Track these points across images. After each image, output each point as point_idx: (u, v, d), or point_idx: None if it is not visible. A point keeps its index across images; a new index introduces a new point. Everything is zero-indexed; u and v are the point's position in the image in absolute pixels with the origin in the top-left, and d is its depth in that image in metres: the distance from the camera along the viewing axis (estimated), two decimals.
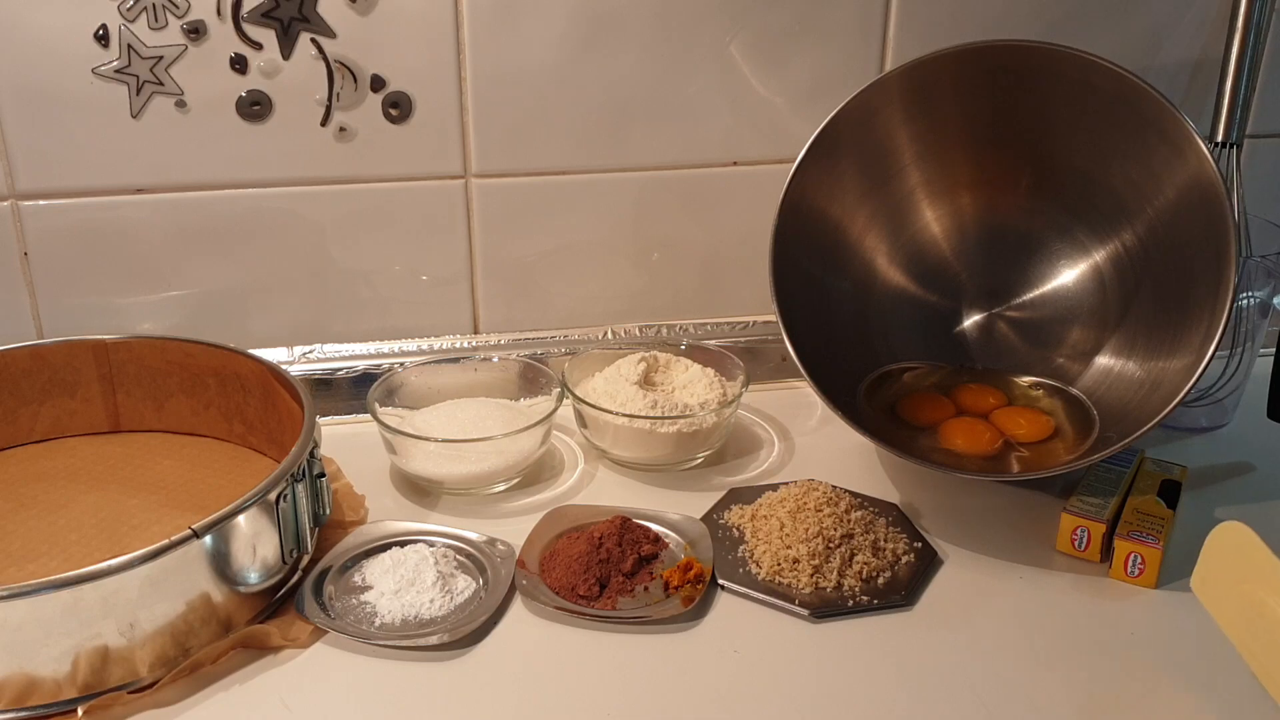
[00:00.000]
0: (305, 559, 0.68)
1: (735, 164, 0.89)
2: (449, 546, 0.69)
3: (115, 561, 0.55)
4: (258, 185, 0.84)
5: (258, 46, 0.79)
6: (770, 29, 0.85)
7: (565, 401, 0.80)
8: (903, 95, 0.79)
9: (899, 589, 0.66)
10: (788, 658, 0.62)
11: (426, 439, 0.75)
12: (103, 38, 0.77)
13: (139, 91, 0.79)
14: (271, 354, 0.84)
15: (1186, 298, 0.72)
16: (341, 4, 0.79)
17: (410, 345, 0.90)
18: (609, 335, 0.93)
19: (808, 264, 0.81)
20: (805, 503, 0.71)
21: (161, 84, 0.79)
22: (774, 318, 0.77)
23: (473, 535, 0.70)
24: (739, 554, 0.69)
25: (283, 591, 0.65)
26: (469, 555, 0.69)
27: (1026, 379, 0.83)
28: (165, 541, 0.57)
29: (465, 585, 0.66)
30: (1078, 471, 0.74)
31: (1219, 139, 0.83)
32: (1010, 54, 0.75)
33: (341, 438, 0.82)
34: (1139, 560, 0.67)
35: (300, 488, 0.64)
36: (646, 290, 0.92)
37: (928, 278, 0.86)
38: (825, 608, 0.65)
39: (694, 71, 0.85)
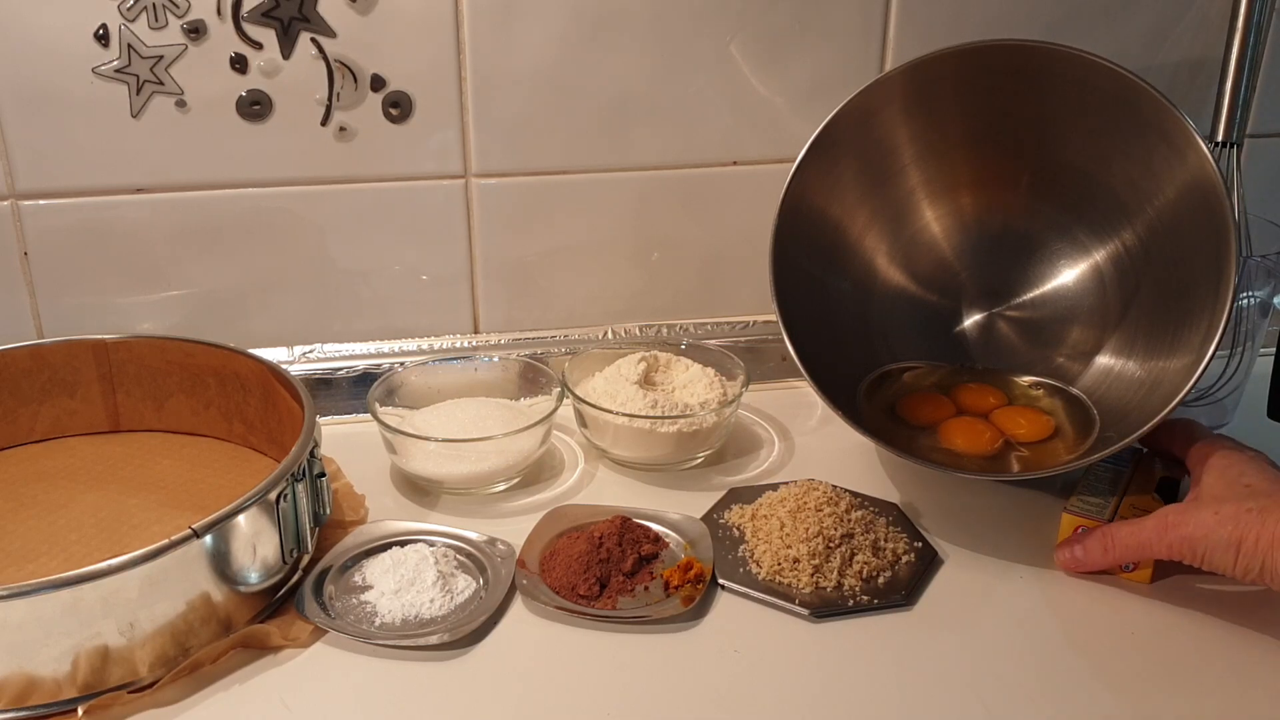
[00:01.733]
0: (305, 559, 0.68)
1: (735, 164, 0.89)
2: (449, 546, 0.69)
3: (115, 561, 0.55)
4: (258, 185, 0.84)
5: (258, 46, 0.79)
6: (770, 29, 0.85)
7: (565, 401, 0.80)
8: (903, 95, 0.79)
9: (899, 589, 0.66)
10: (788, 658, 0.62)
11: (426, 439, 0.75)
12: (103, 37, 0.77)
13: (139, 91, 0.79)
14: (271, 354, 0.84)
15: (1186, 297, 0.72)
16: (341, 4, 0.79)
17: (410, 345, 0.90)
18: (609, 335, 0.93)
19: (808, 264, 0.81)
20: (805, 502, 0.71)
21: (161, 84, 0.79)
22: (774, 317, 0.77)
23: (473, 535, 0.70)
24: (739, 554, 0.69)
25: (283, 591, 0.65)
26: (469, 555, 0.69)
27: (1026, 379, 0.83)
28: (165, 541, 0.57)
29: (465, 585, 0.66)
30: (1078, 471, 0.74)
31: (1219, 139, 0.83)
32: (1010, 54, 0.75)
33: (341, 437, 0.82)
34: None
35: (300, 487, 0.64)
36: (646, 290, 0.92)
37: (928, 277, 0.86)
38: (825, 607, 0.65)
39: (694, 71, 0.85)
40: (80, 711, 0.56)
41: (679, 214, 0.90)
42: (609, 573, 0.66)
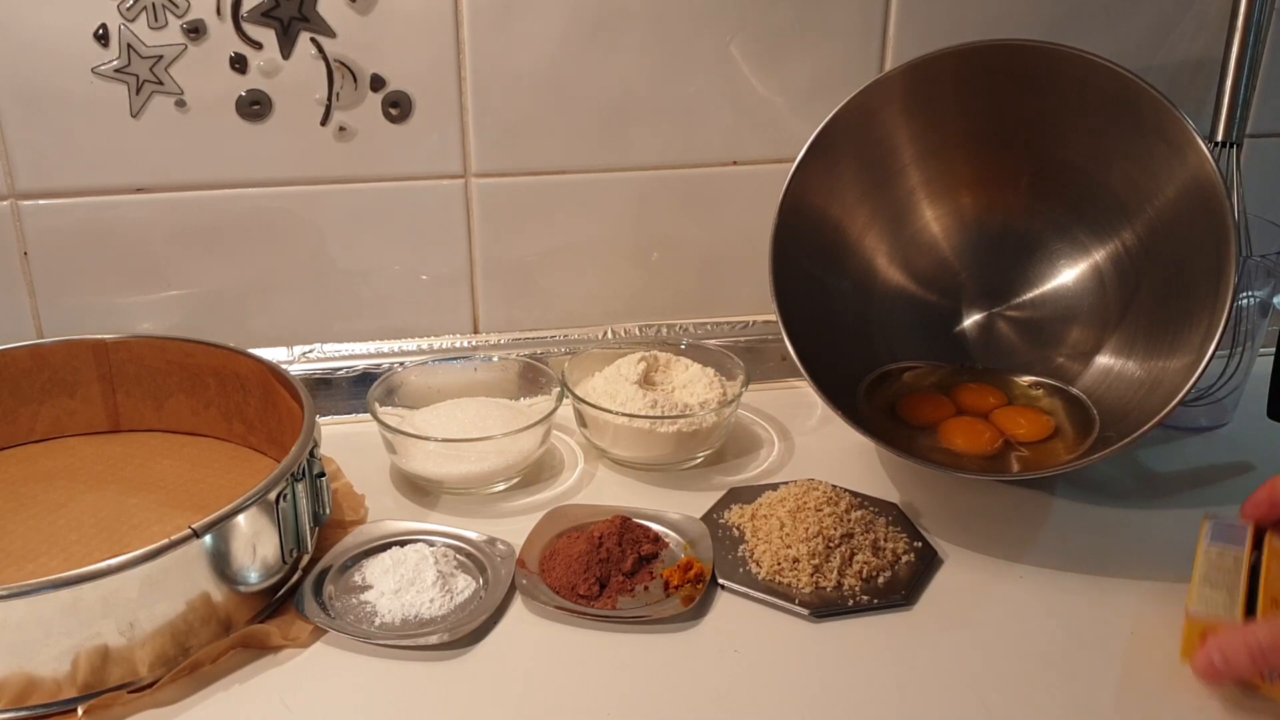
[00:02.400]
0: (305, 559, 0.68)
1: (735, 164, 0.89)
2: (449, 546, 0.69)
3: (115, 561, 0.55)
4: (258, 185, 0.84)
5: (257, 46, 0.79)
6: (771, 28, 0.85)
7: (565, 401, 0.80)
8: (903, 95, 0.79)
9: (899, 589, 0.66)
10: (788, 657, 0.62)
11: (426, 438, 0.75)
12: (102, 37, 0.77)
13: (139, 91, 0.79)
14: (271, 353, 0.84)
15: (1186, 297, 0.72)
16: (341, 3, 0.79)
17: (410, 345, 0.90)
18: (609, 335, 0.93)
19: (808, 264, 0.81)
20: (805, 502, 0.71)
21: (161, 83, 0.79)
22: (774, 317, 0.77)
23: (473, 535, 0.70)
24: (739, 553, 0.69)
25: (283, 591, 0.65)
26: (469, 555, 0.69)
27: (1026, 378, 0.83)
28: (165, 541, 0.57)
29: (465, 585, 0.66)
30: (1187, 567, 0.64)
31: (1219, 138, 0.83)
32: (1010, 54, 0.75)
33: (341, 437, 0.82)
34: None
35: (300, 487, 0.64)
36: (646, 290, 0.92)
37: (928, 277, 0.86)
38: (825, 607, 0.65)
39: (694, 71, 0.85)
40: (80, 711, 0.56)
41: (679, 214, 0.90)
42: (609, 572, 0.66)
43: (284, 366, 0.76)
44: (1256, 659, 0.55)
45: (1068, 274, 0.83)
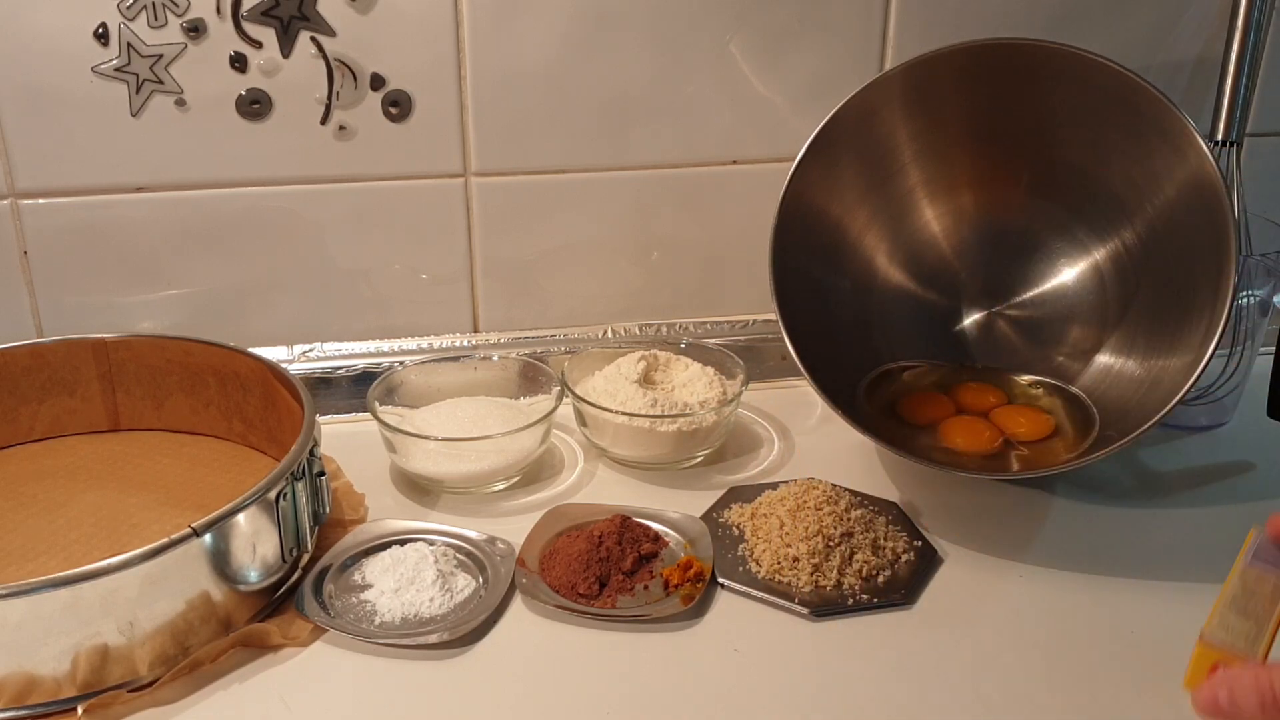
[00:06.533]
0: (305, 558, 0.68)
1: (735, 163, 0.89)
2: (449, 545, 0.69)
3: (115, 560, 0.55)
4: (257, 184, 0.84)
5: (257, 45, 0.79)
6: (770, 27, 0.85)
7: (565, 400, 0.80)
8: (903, 94, 0.79)
9: (899, 588, 0.66)
10: (788, 656, 0.62)
11: (426, 437, 0.75)
12: (102, 36, 0.77)
13: (139, 90, 0.79)
14: (271, 353, 0.84)
15: (1186, 296, 0.72)
16: (341, 3, 0.79)
17: (410, 344, 0.90)
18: (609, 334, 0.93)
19: (808, 263, 0.81)
20: (805, 501, 0.71)
21: (161, 82, 0.79)
22: (774, 316, 0.77)
23: (472, 534, 0.70)
24: (739, 552, 0.69)
25: (282, 590, 0.65)
26: (469, 554, 0.69)
27: (1026, 377, 0.83)
28: (165, 540, 0.57)
29: (465, 584, 0.66)
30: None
31: (1219, 137, 0.83)
32: (1010, 52, 0.75)
33: (341, 436, 0.81)
34: None
35: (300, 486, 0.64)
36: (646, 289, 0.92)
37: (927, 276, 0.86)
38: (825, 606, 0.65)
39: (694, 70, 0.85)
40: (80, 710, 0.56)
41: (679, 213, 0.90)
42: (609, 571, 0.66)
43: (284, 365, 0.76)
44: (1268, 707, 0.47)
45: (1068, 273, 0.83)
